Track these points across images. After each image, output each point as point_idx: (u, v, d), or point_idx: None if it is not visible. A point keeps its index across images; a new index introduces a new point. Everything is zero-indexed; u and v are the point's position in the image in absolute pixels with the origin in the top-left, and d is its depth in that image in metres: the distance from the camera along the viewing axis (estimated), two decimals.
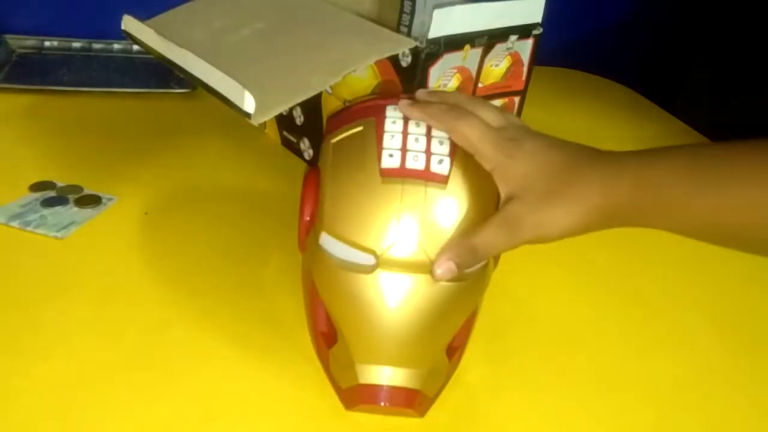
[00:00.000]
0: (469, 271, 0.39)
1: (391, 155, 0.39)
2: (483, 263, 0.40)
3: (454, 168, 0.39)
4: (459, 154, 0.39)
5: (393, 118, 0.40)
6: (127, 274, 0.48)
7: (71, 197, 0.55)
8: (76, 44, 0.83)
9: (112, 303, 0.45)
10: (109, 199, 0.56)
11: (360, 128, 0.40)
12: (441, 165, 0.39)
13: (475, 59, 0.52)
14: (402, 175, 0.38)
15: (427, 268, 0.38)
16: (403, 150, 0.39)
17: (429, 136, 0.40)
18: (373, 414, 0.39)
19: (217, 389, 0.40)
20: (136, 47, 0.84)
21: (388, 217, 0.37)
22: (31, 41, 0.82)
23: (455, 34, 0.50)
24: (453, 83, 0.52)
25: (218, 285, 0.48)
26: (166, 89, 0.75)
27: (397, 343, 0.38)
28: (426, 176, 0.38)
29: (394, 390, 0.38)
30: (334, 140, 0.40)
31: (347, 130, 0.40)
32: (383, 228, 0.37)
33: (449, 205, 0.38)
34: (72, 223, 0.52)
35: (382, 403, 0.38)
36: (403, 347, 0.38)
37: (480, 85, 0.54)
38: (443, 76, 0.51)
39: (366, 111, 0.42)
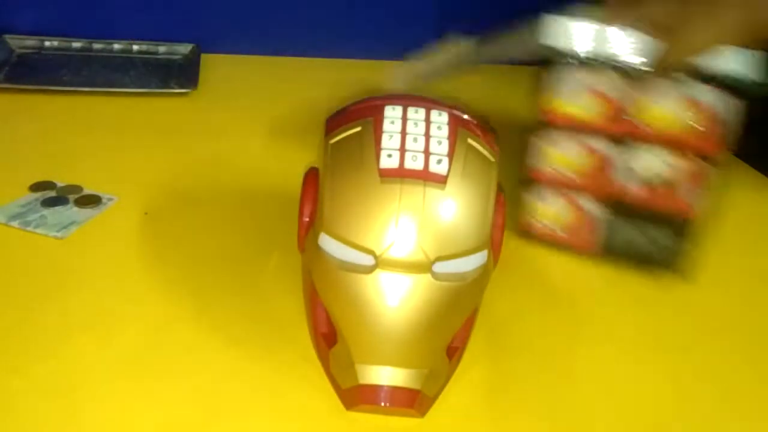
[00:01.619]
0: (469, 270, 0.39)
1: (389, 155, 0.39)
2: (483, 263, 0.40)
3: (452, 168, 0.39)
4: (457, 153, 0.39)
5: (391, 119, 0.40)
6: (127, 274, 0.48)
7: (71, 197, 0.55)
8: (76, 44, 0.83)
9: (112, 303, 0.45)
10: (109, 199, 0.56)
11: (358, 128, 0.40)
12: (440, 165, 0.39)
13: (621, 87, 0.49)
14: (401, 175, 0.38)
15: (426, 267, 0.38)
16: (402, 150, 0.39)
17: (427, 136, 0.40)
18: (373, 414, 0.39)
19: (217, 389, 0.40)
20: (136, 47, 0.84)
21: (387, 218, 0.37)
22: (31, 41, 0.82)
23: (596, 53, 0.49)
24: (587, 103, 0.50)
25: (218, 285, 0.48)
26: (166, 89, 0.75)
27: (397, 343, 0.38)
28: (425, 176, 0.38)
29: (395, 390, 0.38)
30: (333, 141, 0.41)
31: (345, 130, 0.41)
32: (382, 228, 0.37)
33: (448, 205, 0.38)
34: (72, 223, 0.52)
35: (383, 404, 0.38)
36: (403, 347, 0.39)
37: (639, 120, 0.49)
38: (575, 93, 0.50)
39: (364, 111, 0.42)
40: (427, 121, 0.41)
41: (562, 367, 0.45)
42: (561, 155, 0.53)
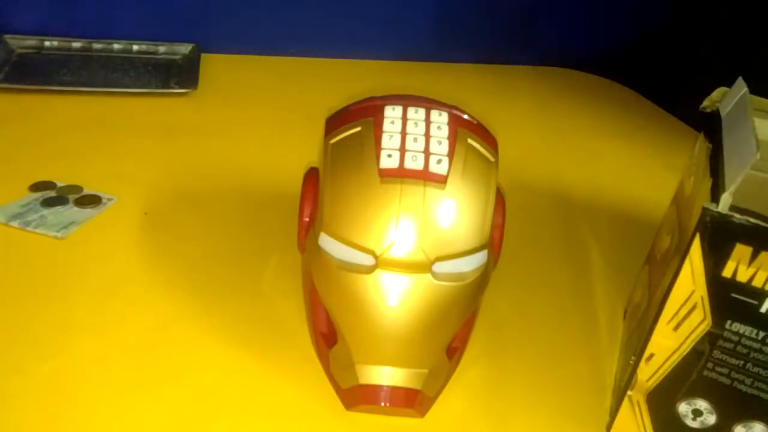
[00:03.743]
0: (469, 270, 0.39)
1: (389, 155, 0.39)
2: (483, 263, 0.40)
3: (452, 168, 0.39)
4: (457, 153, 0.39)
5: (391, 119, 0.40)
6: (127, 274, 0.48)
7: (71, 197, 0.55)
8: (76, 44, 0.83)
9: (112, 303, 0.45)
10: (109, 199, 0.56)
11: (358, 129, 0.40)
12: (440, 165, 0.39)
13: None
14: (401, 175, 0.38)
15: (426, 267, 0.38)
16: (402, 150, 0.39)
17: (428, 136, 0.40)
18: (373, 414, 0.39)
19: (217, 389, 0.40)
20: (136, 47, 0.84)
21: (387, 218, 0.37)
22: (31, 41, 0.82)
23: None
24: None
25: (218, 285, 0.48)
26: (166, 89, 0.75)
27: (397, 343, 0.38)
28: (425, 176, 0.38)
29: (395, 390, 0.38)
30: (333, 141, 0.41)
31: (346, 130, 0.41)
32: (382, 228, 0.37)
33: (448, 205, 0.38)
34: (72, 223, 0.52)
35: (383, 403, 0.38)
36: (403, 347, 0.39)
37: None
38: None
39: (364, 111, 0.42)
40: (427, 121, 0.41)
41: (562, 368, 0.45)
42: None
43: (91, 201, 0.55)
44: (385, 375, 0.38)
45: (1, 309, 0.44)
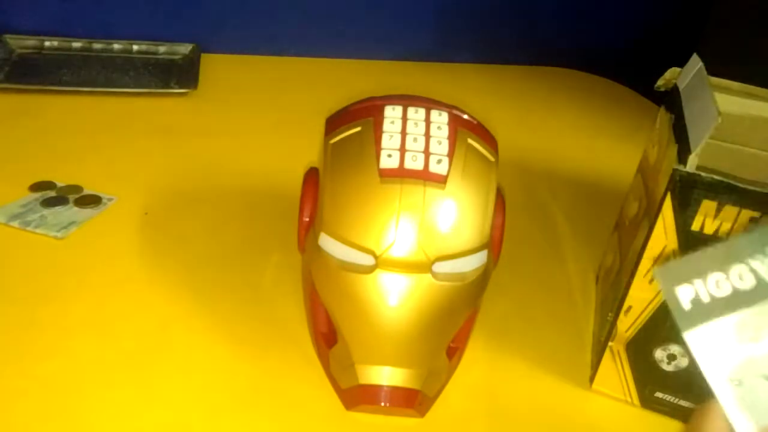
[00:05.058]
0: (469, 270, 0.39)
1: (389, 155, 0.39)
2: (483, 263, 0.40)
3: (452, 168, 0.39)
4: (457, 153, 0.39)
5: (391, 119, 0.40)
6: (127, 274, 0.48)
7: (71, 197, 0.55)
8: (76, 44, 0.83)
9: (112, 303, 0.45)
10: (109, 199, 0.56)
11: (358, 129, 0.40)
12: (440, 165, 0.39)
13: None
14: (401, 175, 0.38)
15: (426, 267, 0.38)
16: (402, 150, 0.39)
17: (428, 136, 0.40)
18: (373, 414, 0.39)
19: (217, 389, 0.40)
20: (136, 47, 0.84)
21: (387, 218, 0.37)
22: (31, 41, 0.82)
23: None
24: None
25: (218, 285, 0.48)
26: (166, 89, 0.75)
27: (397, 343, 0.38)
28: (425, 176, 0.38)
29: (394, 390, 0.38)
30: (333, 141, 0.41)
31: (346, 130, 0.41)
32: (382, 228, 0.37)
33: (448, 205, 0.38)
34: (72, 223, 0.52)
35: (383, 404, 0.38)
36: (403, 347, 0.39)
37: None
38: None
39: (364, 111, 0.42)
40: (427, 121, 0.41)
41: (562, 368, 0.45)
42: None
43: (91, 201, 0.55)
44: (385, 375, 0.38)
45: (1, 309, 0.44)
